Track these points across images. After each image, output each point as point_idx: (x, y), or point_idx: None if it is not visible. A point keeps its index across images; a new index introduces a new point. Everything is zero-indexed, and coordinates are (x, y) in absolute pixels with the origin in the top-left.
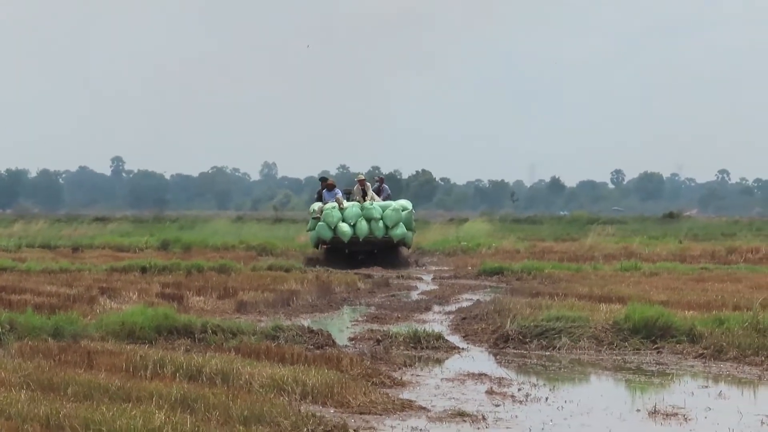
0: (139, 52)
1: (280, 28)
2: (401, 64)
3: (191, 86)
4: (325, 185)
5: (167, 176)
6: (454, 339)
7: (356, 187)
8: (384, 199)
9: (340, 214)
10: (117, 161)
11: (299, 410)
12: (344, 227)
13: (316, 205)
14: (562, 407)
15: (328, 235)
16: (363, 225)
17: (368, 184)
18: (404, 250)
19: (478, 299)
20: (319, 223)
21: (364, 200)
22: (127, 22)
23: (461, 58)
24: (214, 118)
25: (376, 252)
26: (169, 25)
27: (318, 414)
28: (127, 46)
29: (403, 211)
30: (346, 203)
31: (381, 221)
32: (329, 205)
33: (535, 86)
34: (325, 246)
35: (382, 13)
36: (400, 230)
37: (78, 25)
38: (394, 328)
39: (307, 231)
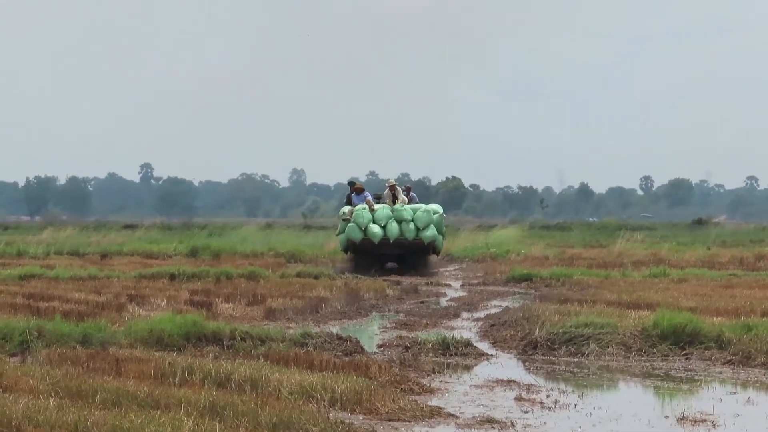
0: (168, 60)
1: (305, 35)
2: (430, 69)
3: (220, 93)
4: (354, 189)
5: (196, 183)
6: (483, 345)
7: (386, 192)
8: None
9: (370, 216)
10: (146, 168)
11: (328, 417)
12: (375, 228)
13: (346, 208)
14: (590, 414)
15: (358, 236)
16: (394, 226)
17: (399, 188)
18: (433, 258)
19: (506, 306)
20: (350, 224)
21: (394, 205)
22: (158, 30)
23: (490, 63)
24: (243, 124)
25: (405, 256)
26: (199, 34)
27: (347, 421)
28: (156, 55)
29: (434, 214)
30: (376, 205)
31: (412, 222)
32: (359, 206)
33: (564, 91)
34: (354, 252)
35: (409, 14)
36: (431, 232)
37: (105, 34)
38: (422, 335)
39: (337, 235)
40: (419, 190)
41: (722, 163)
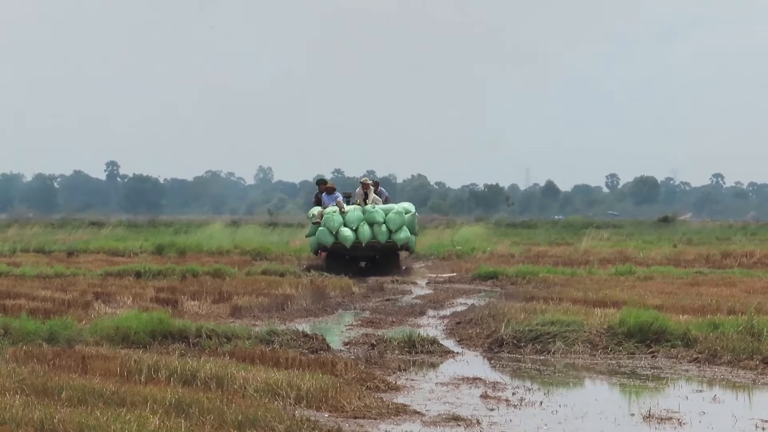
0: (131, 56)
1: (273, 32)
2: (390, 66)
3: (185, 90)
4: (325, 189)
5: (162, 180)
6: (449, 343)
7: (358, 190)
8: (384, 203)
9: (341, 219)
10: (112, 165)
11: (294, 415)
12: (346, 232)
13: (316, 210)
14: (556, 411)
15: (329, 240)
16: (366, 229)
17: (371, 187)
18: (403, 254)
19: (472, 303)
20: (320, 228)
21: (365, 204)
22: (121, 27)
23: (455, 61)
24: (209, 122)
25: (378, 258)
26: (165, 28)
27: (312, 418)
28: (121, 51)
29: (406, 214)
30: (347, 207)
31: (384, 225)
32: (330, 209)
33: (530, 89)
34: (324, 253)
35: (374, 12)
36: (404, 234)
37: (65, 29)
38: (388, 333)
39: (306, 237)
40: (384, 188)
41: (688, 160)
